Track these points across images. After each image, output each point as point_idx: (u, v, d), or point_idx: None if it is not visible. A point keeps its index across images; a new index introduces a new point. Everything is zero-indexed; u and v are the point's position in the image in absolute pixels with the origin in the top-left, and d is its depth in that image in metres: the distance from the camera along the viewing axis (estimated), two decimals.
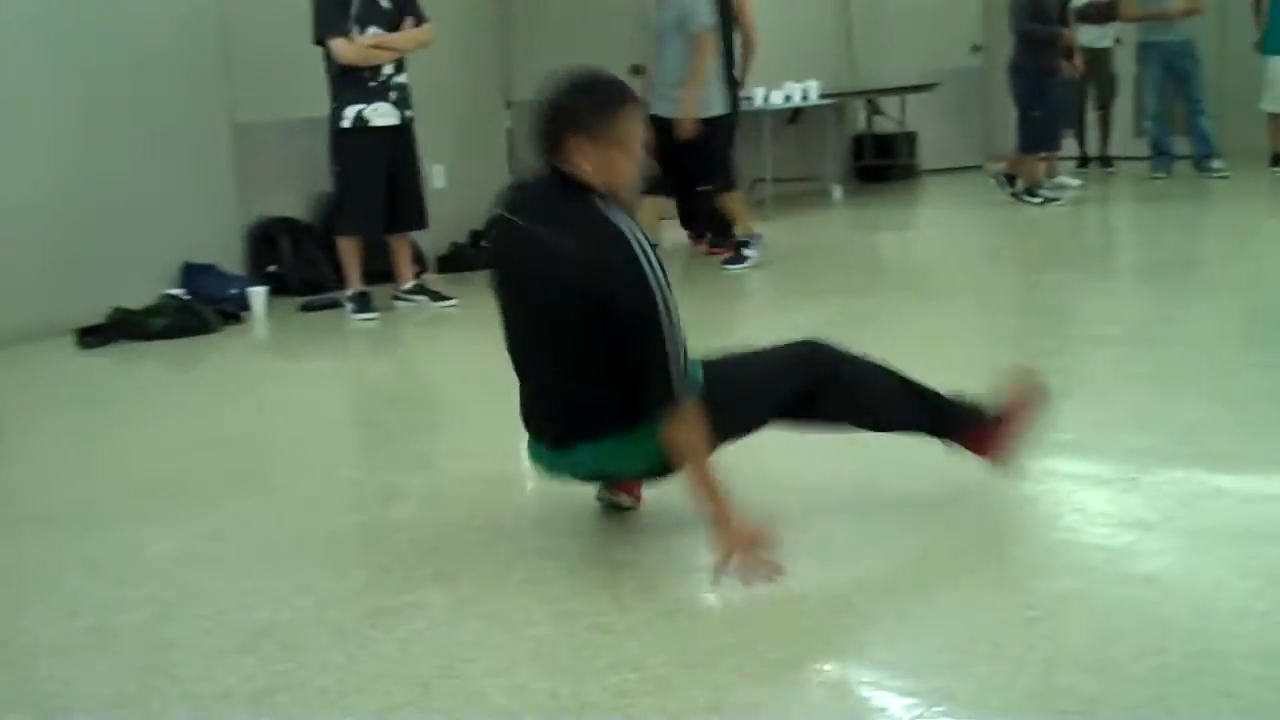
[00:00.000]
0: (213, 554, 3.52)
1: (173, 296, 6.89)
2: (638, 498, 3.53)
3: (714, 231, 8.50)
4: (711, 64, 7.69)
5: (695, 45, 7.57)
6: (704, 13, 7.60)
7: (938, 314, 6.53)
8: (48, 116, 6.73)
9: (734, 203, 8.06)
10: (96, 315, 6.63)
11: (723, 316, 7.02)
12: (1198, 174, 10.93)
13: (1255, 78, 11.60)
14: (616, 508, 3.53)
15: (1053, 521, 3.51)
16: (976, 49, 12.95)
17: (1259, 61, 11.04)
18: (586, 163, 3.09)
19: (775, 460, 3.74)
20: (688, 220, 8.83)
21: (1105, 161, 11.89)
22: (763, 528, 2.91)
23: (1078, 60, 10.83)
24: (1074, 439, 4.20)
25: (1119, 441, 4.15)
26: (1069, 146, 11.59)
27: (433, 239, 8.04)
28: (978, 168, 12.90)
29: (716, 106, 7.74)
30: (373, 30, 6.74)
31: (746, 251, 7.96)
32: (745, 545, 2.88)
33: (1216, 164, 10.89)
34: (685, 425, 3.00)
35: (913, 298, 7.02)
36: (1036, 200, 10.03)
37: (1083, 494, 3.67)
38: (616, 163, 3.10)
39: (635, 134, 3.14)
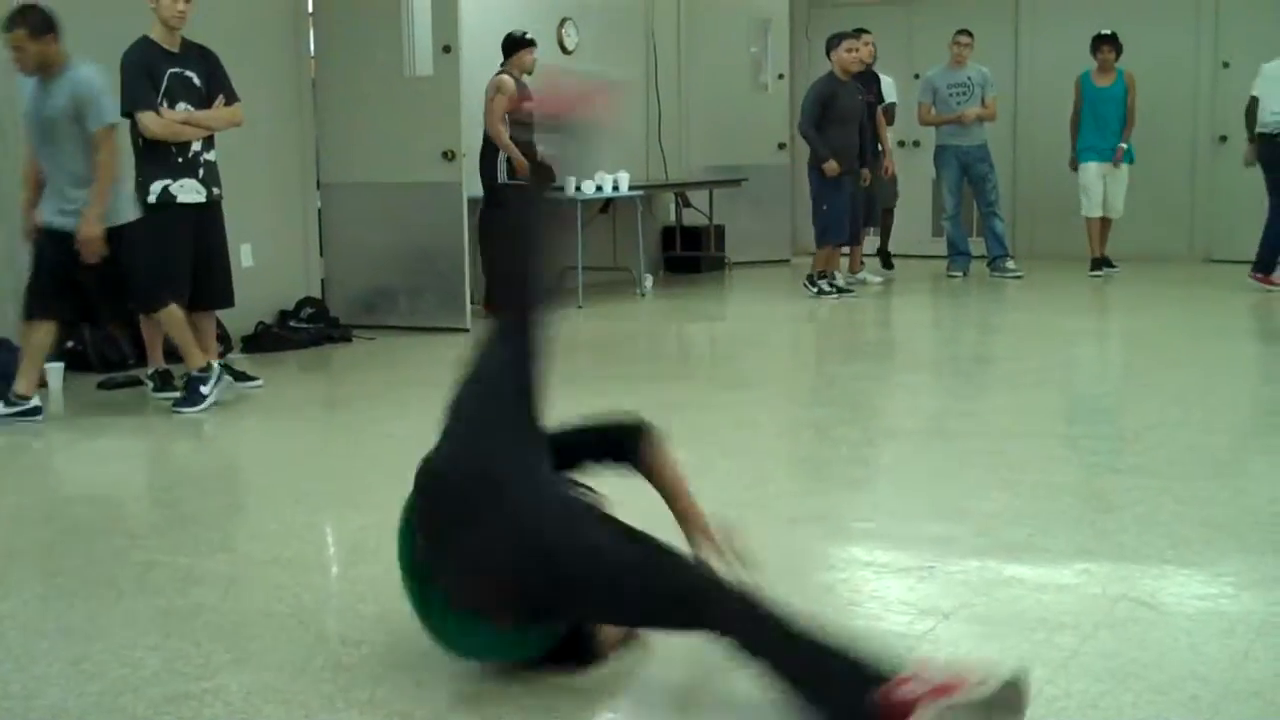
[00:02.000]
0: None
1: None
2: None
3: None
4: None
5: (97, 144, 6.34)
6: (108, 108, 6.37)
7: (744, 404, 6.64)
8: None
9: (176, 328, 6.61)
10: None
11: None
12: (991, 274, 11.35)
13: (1048, 183, 12.18)
14: None
15: (853, 609, 3.57)
16: (782, 146, 13.29)
17: (1064, 173, 11.57)
18: None
19: None
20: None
21: (886, 261, 12.20)
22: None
23: (887, 163, 11.25)
24: (874, 528, 4.31)
25: (917, 530, 4.25)
26: (870, 243, 11.94)
27: (239, 318, 7.90)
28: (785, 261, 13.19)
29: (127, 213, 6.55)
30: (182, 106, 6.65)
31: (203, 390, 6.57)
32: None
33: (1010, 264, 11.33)
34: None
35: (720, 387, 7.13)
36: (829, 290, 10.35)
37: (881, 582, 3.75)
38: None
39: None
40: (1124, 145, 11.14)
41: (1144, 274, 11.29)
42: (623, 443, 3.16)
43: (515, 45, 9.56)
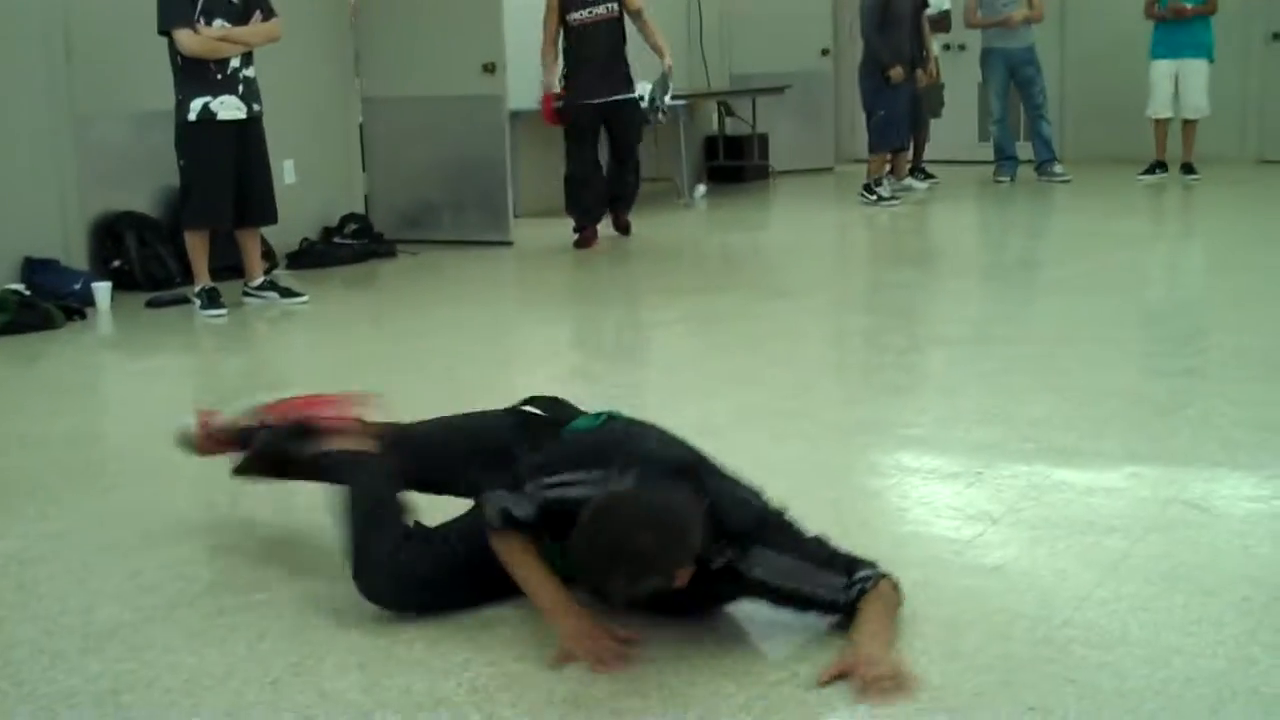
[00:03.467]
0: (54, 553, 3.42)
1: (13, 291, 6.69)
2: None
3: None
4: None
5: None
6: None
7: (788, 313, 6.61)
8: None
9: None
10: None
11: (577, 308, 7.04)
12: (1039, 178, 11.21)
13: (1097, 84, 11.97)
14: None
15: (900, 515, 3.57)
16: (825, 53, 13.13)
17: (1114, 73, 11.35)
18: None
19: None
20: None
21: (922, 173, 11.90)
22: (602, 626, 2.71)
23: (932, 68, 11.06)
24: (921, 434, 4.30)
25: (965, 437, 4.24)
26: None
27: (283, 235, 7.92)
28: (829, 169, 13.07)
29: None
30: (219, 23, 6.62)
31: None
32: (583, 638, 2.68)
33: (1058, 168, 11.18)
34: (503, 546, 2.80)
35: (765, 296, 7.09)
36: (873, 198, 10.26)
37: (929, 488, 3.74)
38: None
39: None
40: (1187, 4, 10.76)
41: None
42: None
43: None
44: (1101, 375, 5.03)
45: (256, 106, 6.83)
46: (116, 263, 7.40)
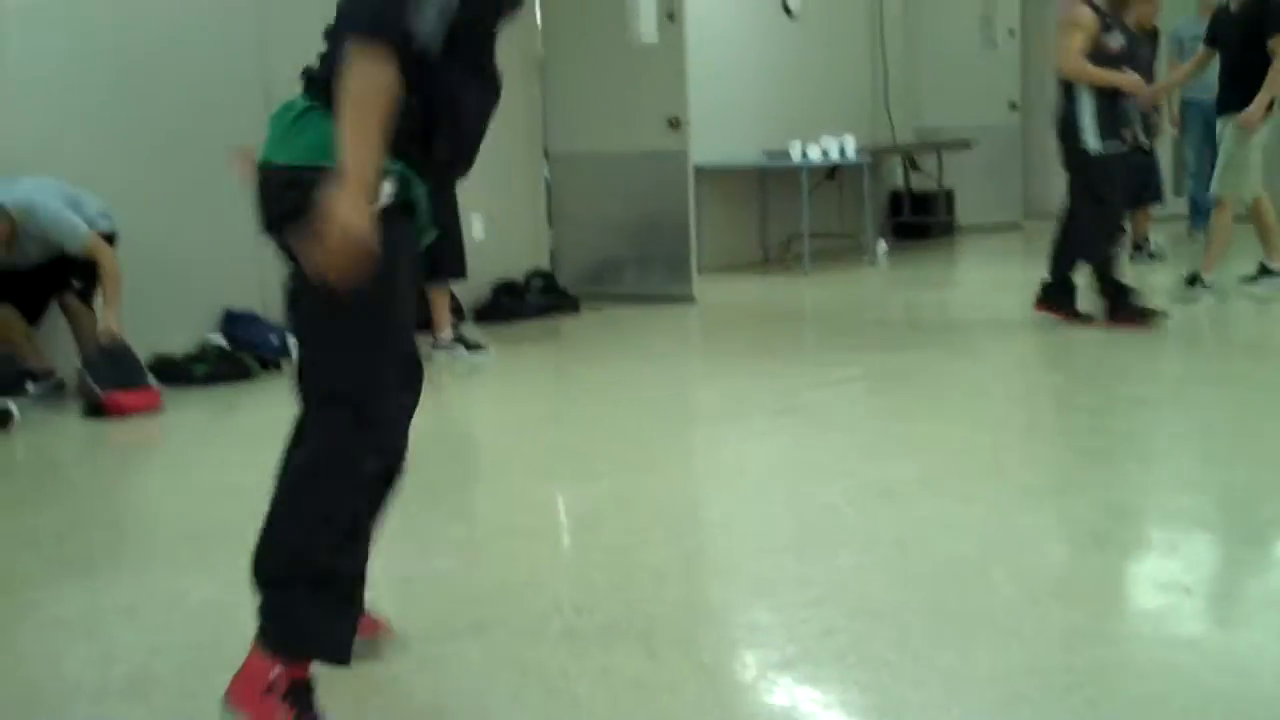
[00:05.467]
0: (251, 601, 3.52)
1: (214, 343, 6.93)
2: None
3: None
4: None
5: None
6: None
7: (974, 371, 6.51)
8: (89, 164, 6.78)
9: None
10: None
11: (759, 365, 7.03)
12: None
13: None
14: None
15: (1094, 585, 3.48)
16: (1014, 106, 12.97)
17: None
18: None
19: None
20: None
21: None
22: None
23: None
24: (1120, 500, 4.18)
25: (1162, 503, 4.12)
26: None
27: (471, 290, 8.07)
28: (1016, 225, 12.89)
29: None
30: None
31: None
32: (355, 225, 2.29)
33: None
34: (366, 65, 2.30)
35: (949, 354, 7.00)
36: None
37: (1124, 557, 3.64)
38: None
39: None
40: None
41: None
42: None
43: None
44: None
45: None
46: None
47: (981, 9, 13.00)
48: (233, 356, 6.85)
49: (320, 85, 2.45)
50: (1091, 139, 7.14)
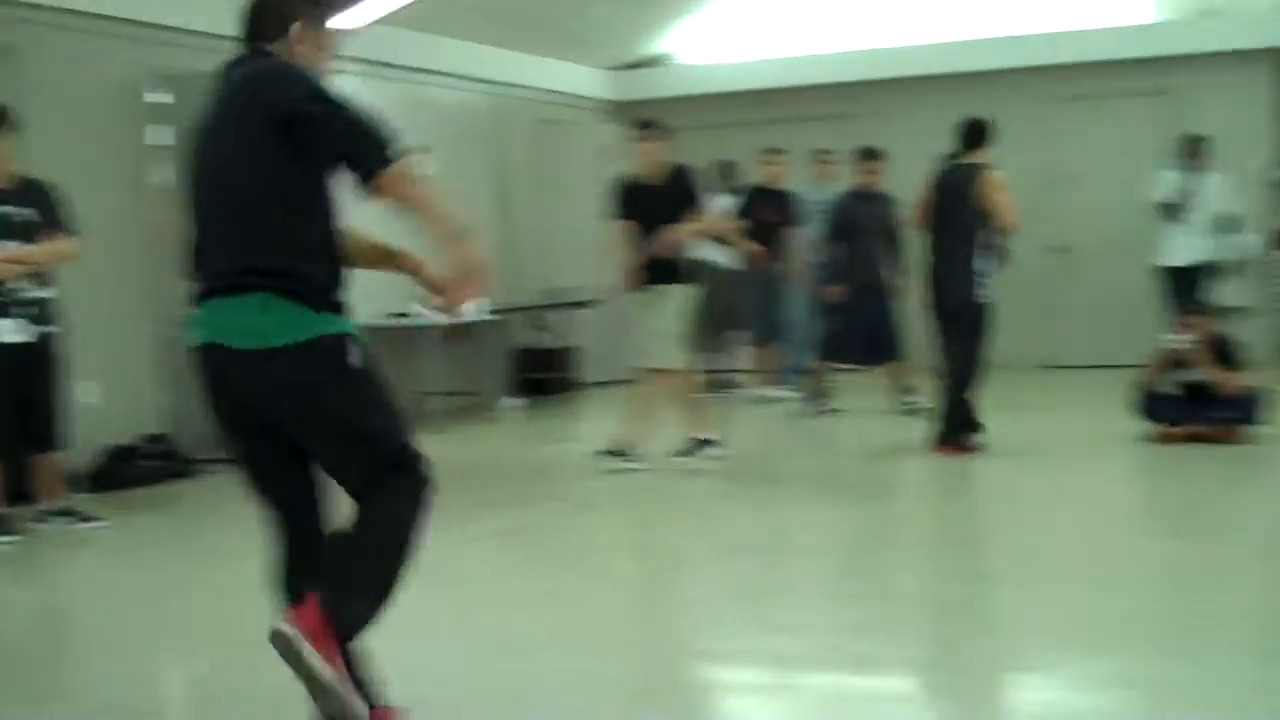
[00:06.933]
0: None
1: None
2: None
3: None
4: None
5: None
6: None
7: (596, 527, 6.65)
8: None
9: None
10: None
11: None
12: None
13: None
14: None
15: None
16: None
17: None
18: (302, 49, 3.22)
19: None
20: None
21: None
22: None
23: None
24: (723, 647, 4.32)
25: (766, 648, 4.27)
26: None
27: (83, 456, 7.72)
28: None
29: None
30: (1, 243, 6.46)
31: None
32: (473, 268, 3.02)
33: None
34: (404, 176, 3.00)
35: (571, 509, 7.12)
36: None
37: (730, 702, 3.76)
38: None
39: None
40: None
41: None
42: None
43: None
44: (897, 578, 5.13)
45: (48, 329, 6.64)
46: None
47: (603, 182, 13.45)
48: None
49: (278, 275, 2.99)
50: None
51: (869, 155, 10.10)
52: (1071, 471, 7.53)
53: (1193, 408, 7.91)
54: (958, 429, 7.95)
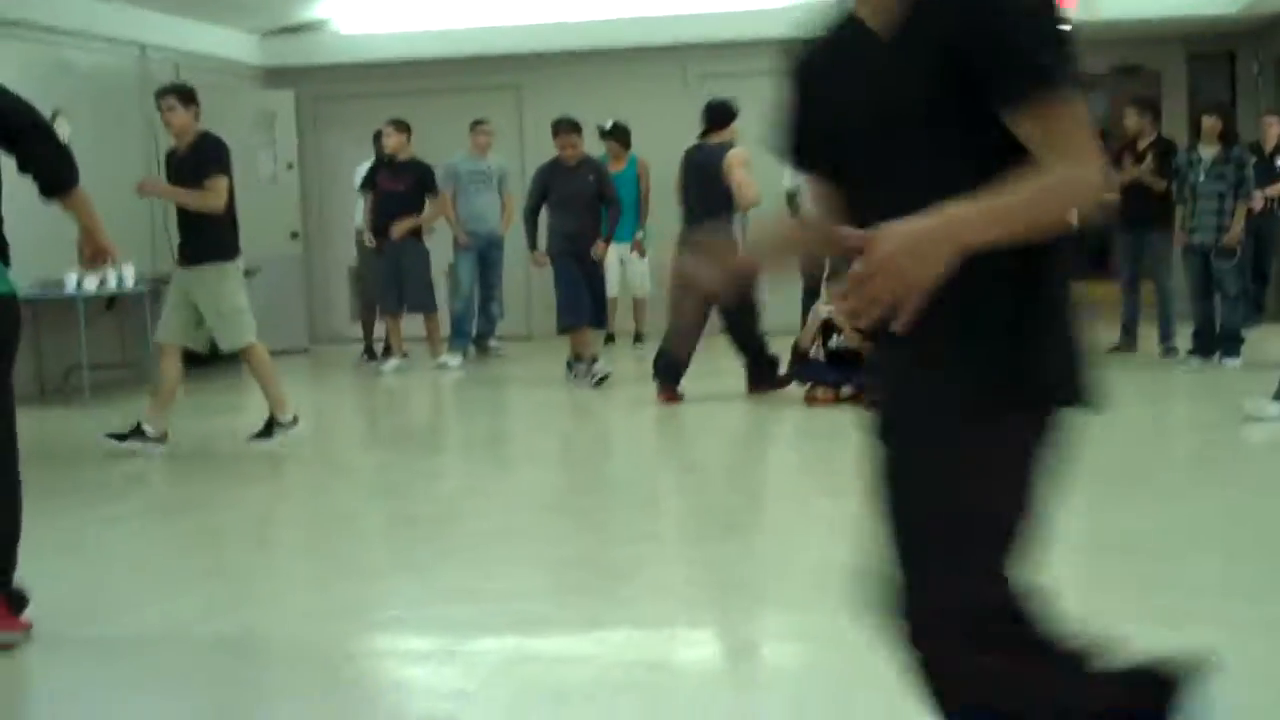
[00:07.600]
0: None
1: None
2: None
3: None
4: None
5: None
6: None
7: (266, 496, 6.54)
8: None
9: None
10: None
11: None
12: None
13: None
14: None
15: (375, 701, 3.59)
16: (295, 235, 13.20)
17: None
18: None
19: None
20: None
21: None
22: None
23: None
24: (394, 616, 4.34)
25: (436, 615, 4.31)
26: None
27: None
28: (304, 350, 13.05)
29: None
30: None
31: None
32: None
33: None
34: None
35: (235, 483, 6.97)
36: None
37: (403, 670, 3.79)
38: None
39: None
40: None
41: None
42: None
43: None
44: (571, 544, 5.24)
45: None
46: None
47: (262, 143, 13.17)
48: None
49: None
50: None
51: (563, 128, 10.04)
52: (731, 433, 7.82)
53: (843, 372, 8.31)
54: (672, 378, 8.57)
